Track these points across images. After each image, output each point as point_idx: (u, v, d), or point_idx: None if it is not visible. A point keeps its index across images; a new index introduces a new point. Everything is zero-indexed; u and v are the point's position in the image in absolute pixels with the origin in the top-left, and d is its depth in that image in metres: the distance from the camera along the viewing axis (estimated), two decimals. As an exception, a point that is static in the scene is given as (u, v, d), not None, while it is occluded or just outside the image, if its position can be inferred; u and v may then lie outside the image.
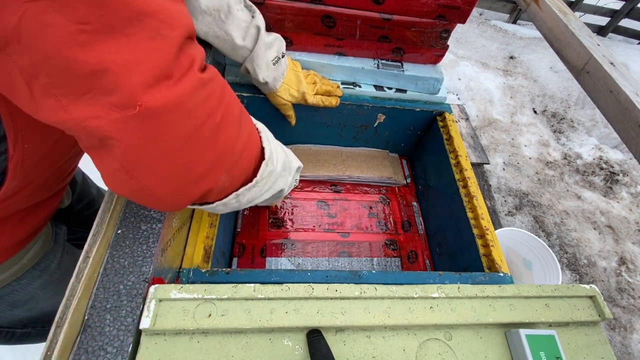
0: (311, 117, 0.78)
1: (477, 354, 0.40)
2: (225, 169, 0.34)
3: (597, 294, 0.45)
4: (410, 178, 0.90)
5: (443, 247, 0.72)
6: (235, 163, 0.36)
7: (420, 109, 0.77)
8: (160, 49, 0.25)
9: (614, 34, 3.10)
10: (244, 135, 0.36)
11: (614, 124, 0.72)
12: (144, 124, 0.26)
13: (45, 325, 0.63)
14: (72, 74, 0.22)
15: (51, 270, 0.55)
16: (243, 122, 0.37)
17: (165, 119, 0.26)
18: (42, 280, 0.54)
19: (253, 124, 0.42)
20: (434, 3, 0.63)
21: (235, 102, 0.35)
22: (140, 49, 0.24)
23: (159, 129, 0.27)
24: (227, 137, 0.33)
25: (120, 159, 0.27)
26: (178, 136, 0.28)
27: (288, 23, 0.66)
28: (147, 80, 0.24)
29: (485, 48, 2.67)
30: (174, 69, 0.26)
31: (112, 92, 0.24)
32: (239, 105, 0.37)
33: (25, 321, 0.60)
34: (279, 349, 0.37)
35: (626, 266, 1.53)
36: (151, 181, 0.30)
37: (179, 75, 0.27)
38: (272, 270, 0.48)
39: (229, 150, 0.34)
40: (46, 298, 0.57)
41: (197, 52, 0.30)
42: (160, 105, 0.25)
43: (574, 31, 0.83)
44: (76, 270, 0.36)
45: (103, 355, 0.32)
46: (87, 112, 0.24)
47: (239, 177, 0.38)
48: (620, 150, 1.98)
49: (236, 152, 0.35)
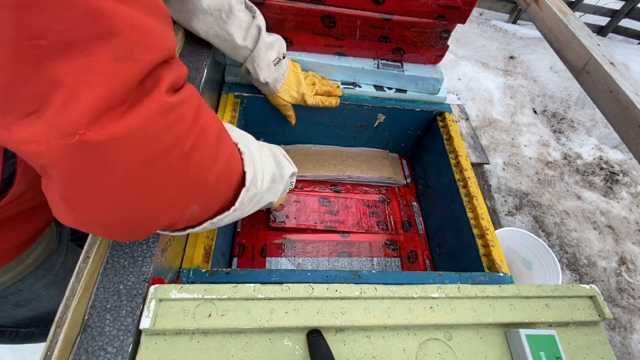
0: (311, 117, 0.78)
1: (477, 354, 0.40)
2: (195, 200, 0.31)
3: (597, 294, 0.45)
4: (410, 178, 0.90)
5: (443, 247, 0.72)
6: (209, 192, 0.33)
7: (420, 109, 0.77)
8: (122, 72, 0.22)
9: (614, 34, 3.10)
10: (220, 162, 0.32)
11: (614, 124, 0.72)
12: (85, 153, 0.22)
13: (49, 325, 0.63)
14: (19, 90, 0.20)
15: (55, 270, 0.55)
16: (221, 147, 0.33)
17: (113, 149, 0.23)
18: (46, 280, 0.54)
19: (234, 146, 0.37)
20: (434, 3, 0.63)
21: (212, 126, 0.31)
22: (98, 71, 0.21)
23: (105, 159, 0.23)
24: (198, 166, 0.29)
25: (59, 190, 0.24)
26: (131, 167, 0.25)
27: (288, 23, 0.66)
28: (95, 106, 0.21)
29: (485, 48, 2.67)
30: (131, 95, 0.23)
31: (57, 116, 0.21)
32: (218, 127, 0.33)
33: (29, 321, 0.60)
34: (279, 349, 0.37)
35: (626, 266, 1.53)
36: (98, 214, 0.26)
37: (134, 100, 0.23)
38: (272, 270, 0.48)
39: (200, 181, 0.30)
40: (50, 297, 0.57)
41: (169, 73, 0.26)
42: (107, 134, 0.22)
43: (574, 31, 0.83)
44: (76, 270, 0.36)
45: (103, 355, 0.32)
46: (26, 135, 0.21)
47: (213, 206, 0.35)
48: (620, 150, 1.98)
49: (210, 182, 0.31)
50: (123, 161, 0.24)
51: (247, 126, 0.79)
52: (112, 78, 0.22)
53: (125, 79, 0.22)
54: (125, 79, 0.22)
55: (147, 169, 0.26)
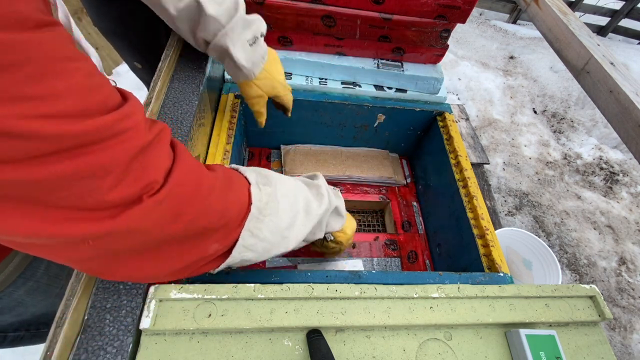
0: (311, 117, 0.78)
1: (477, 354, 0.40)
2: (210, 234, 0.32)
3: (597, 294, 0.45)
4: (410, 178, 0.90)
5: (443, 247, 0.72)
6: (222, 228, 0.32)
7: (420, 109, 0.77)
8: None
9: (614, 34, 3.10)
10: (228, 197, 0.33)
11: (614, 124, 0.72)
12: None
13: (40, 327, 0.61)
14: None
15: (37, 277, 0.53)
16: (229, 188, 0.33)
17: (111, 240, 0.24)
18: (27, 287, 0.52)
19: (233, 172, 0.37)
20: (434, 3, 0.63)
21: (216, 180, 0.31)
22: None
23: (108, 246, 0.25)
24: (205, 216, 0.30)
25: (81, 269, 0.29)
26: (134, 251, 0.27)
27: (288, 23, 0.66)
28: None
29: (485, 48, 2.67)
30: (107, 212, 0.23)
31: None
32: (217, 175, 0.32)
33: (17, 325, 0.58)
34: (279, 349, 0.37)
35: (626, 266, 1.52)
36: (124, 278, 0.30)
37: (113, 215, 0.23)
38: (272, 270, 0.48)
39: (206, 232, 0.31)
40: (35, 303, 0.55)
41: (156, 164, 0.25)
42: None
43: (574, 31, 0.83)
44: (76, 270, 0.36)
45: (103, 355, 0.32)
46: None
47: (233, 229, 0.34)
48: (620, 150, 1.98)
49: (223, 218, 0.32)
50: (121, 249, 0.26)
51: (247, 126, 0.79)
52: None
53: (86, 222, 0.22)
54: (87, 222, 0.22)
55: (153, 252, 0.28)
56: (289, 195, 0.41)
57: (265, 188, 0.37)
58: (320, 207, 0.45)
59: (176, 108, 0.52)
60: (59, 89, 0.19)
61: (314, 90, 0.74)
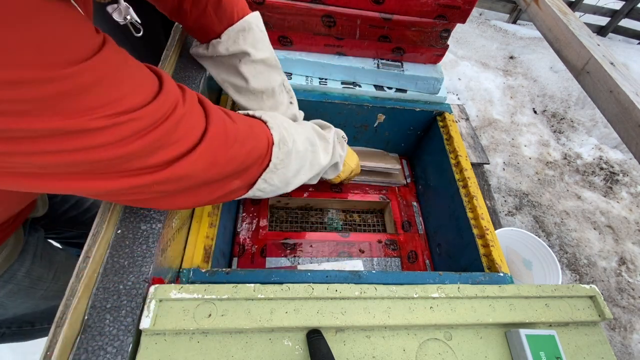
0: (311, 117, 0.78)
1: (477, 354, 0.40)
2: (233, 178, 0.39)
3: (597, 294, 0.45)
4: (410, 178, 0.90)
5: (443, 247, 0.72)
6: (243, 172, 0.39)
7: (420, 109, 0.77)
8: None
9: (614, 34, 3.10)
10: (247, 146, 0.38)
11: (614, 124, 0.72)
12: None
13: (22, 326, 0.61)
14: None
15: (17, 280, 0.52)
16: (247, 138, 0.39)
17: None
18: (6, 290, 0.51)
19: (254, 122, 0.42)
20: (434, 3, 0.63)
21: (238, 132, 0.37)
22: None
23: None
24: (234, 161, 0.37)
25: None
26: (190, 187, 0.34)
27: (288, 23, 0.66)
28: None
29: (485, 48, 2.67)
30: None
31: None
32: (239, 127, 0.38)
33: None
34: (279, 349, 0.37)
35: (626, 266, 1.52)
36: (171, 207, 0.41)
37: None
38: (272, 270, 0.47)
39: (237, 168, 0.38)
40: (15, 305, 0.55)
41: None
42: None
43: (574, 31, 0.83)
44: (76, 270, 0.36)
45: (103, 355, 0.32)
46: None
47: (252, 174, 0.41)
48: (620, 150, 1.98)
49: (244, 164, 0.38)
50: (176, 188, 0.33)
51: (247, 126, 0.79)
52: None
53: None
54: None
55: (194, 191, 0.35)
56: (301, 150, 0.47)
57: (284, 147, 0.43)
58: (324, 160, 0.53)
59: (176, 108, 0.52)
60: (125, 91, 0.26)
61: (314, 90, 0.74)
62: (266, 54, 0.53)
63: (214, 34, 0.51)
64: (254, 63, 0.52)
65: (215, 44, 0.51)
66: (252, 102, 0.56)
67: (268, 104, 0.56)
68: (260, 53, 0.52)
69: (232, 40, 0.50)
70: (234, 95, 0.56)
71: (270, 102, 0.57)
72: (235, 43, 0.50)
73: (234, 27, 0.50)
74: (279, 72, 0.57)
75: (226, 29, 0.50)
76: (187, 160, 0.31)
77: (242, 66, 0.52)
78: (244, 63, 0.52)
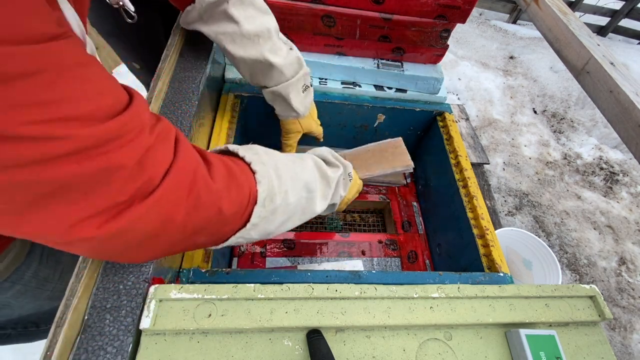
0: (311, 117, 0.78)
1: (477, 354, 0.40)
2: (200, 236, 0.32)
3: (597, 294, 0.45)
4: (410, 178, 0.90)
5: (443, 247, 0.72)
6: (214, 227, 0.33)
7: (420, 109, 0.77)
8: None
9: (614, 34, 3.10)
10: (216, 207, 0.31)
11: (614, 124, 0.72)
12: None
13: (28, 326, 0.60)
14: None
15: (25, 281, 0.52)
16: (220, 198, 0.31)
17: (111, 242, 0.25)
18: (14, 290, 0.51)
19: (237, 170, 0.35)
20: (434, 3, 0.63)
21: (209, 187, 0.30)
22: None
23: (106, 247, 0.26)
24: (199, 219, 0.30)
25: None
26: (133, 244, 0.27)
27: (288, 23, 0.66)
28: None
29: (485, 48, 2.67)
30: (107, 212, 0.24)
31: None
32: (215, 176, 0.31)
33: (3, 324, 0.58)
34: (279, 349, 0.37)
35: (626, 266, 1.52)
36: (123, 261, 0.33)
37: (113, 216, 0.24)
38: (272, 270, 0.47)
39: (203, 226, 0.31)
40: (22, 305, 0.55)
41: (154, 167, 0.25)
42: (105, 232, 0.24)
43: (574, 31, 0.83)
44: (76, 270, 0.36)
45: (103, 355, 0.32)
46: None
47: (224, 233, 0.35)
48: (620, 150, 1.98)
49: (211, 226, 0.32)
50: (114, 250, 0.27)
51: (247, 126, 0.79)
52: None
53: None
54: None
55: (149, 243, 0.28)
56: (292, 202, 0.40)
57: (270, 205, 0.37)
58: (320, 207, 0.46)
59: (176, 108, 0.52)
60: (72, 94, 0.20)
61: (314, 90, 0.74)
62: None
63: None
64: (242, 4, 0.50)
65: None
66: (250, 50, 0.52)
67: (266, 47, 0.53)
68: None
69: None
70: (230, 46, 0.52)
71: (269, 45, 0.53)
72: None
73: None
74: (271, 16, 0.54)
75: None
76: (133, 212, 0.24)
77: (231, 8, 0.49)
78: (232, 4, 0.49)
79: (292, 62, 0.56)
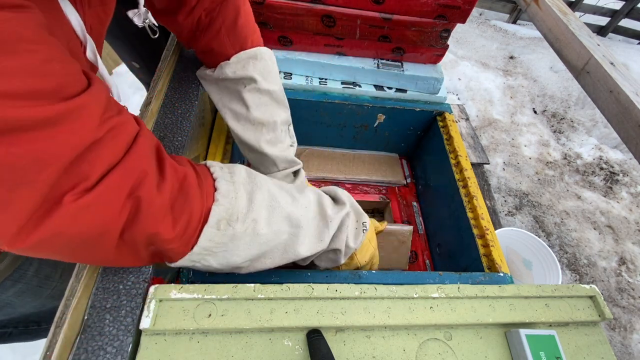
0: (311, 118, 0.78)
1: (477, 354, 0.40)
2: (148, 249, 0.29)
3: (597, 294, 0.45)
4: (410, 178, 0.90)
5: (443, 247, 0.72)
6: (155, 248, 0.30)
7: (420, 109, 0.77)
8: (11, 206, 0.20)
9: (614, 34, 3.10)
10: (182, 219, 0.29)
11: (614, 124, 0.72)
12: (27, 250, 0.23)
13: (29, 325, 0.61)
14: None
15: (27, 279, 0.52)
16: (178, 202, 0.29)
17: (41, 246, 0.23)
18: (16, 289, 0.51)
19: (201, 190, 0.32)
20: (434, 3, 0.63)
21: (152, 197, 0.27)
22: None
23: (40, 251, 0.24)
24: (138, 231, 0.27)
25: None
26: (65, 252, 0.25)
27: (288, 23, 0.66)
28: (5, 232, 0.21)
29: (485, 48, 2.67)
30: (37, 212, 0.21)
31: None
32: (166, 178, 0.28)
33: (5, 322, 0.58)
34: (279, 349, 0.37)
35: (626, 266, 1.52)
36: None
37: (42, 215, 0.21)
38: (272, 270, 0.47)
39: (143, 240, 0.28)
40: (23, 304, 0.55)
41: (98, 158, 0.23)
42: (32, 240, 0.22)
43: (574, 31, 0.83)
44: (76, 270, 0.36)
45: (103, 355, 0.32)
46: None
47: (173, 250, 0.31)
48: (620, 150, 1.98)
49: (160, 236, 0.28)
50: (54, 250, 0.25)
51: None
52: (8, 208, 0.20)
53: (14, 213, 0.20)
54: (15, 213, 0.20)
55: (82, 250, 0.26)
56: (264, 234, 0.35)
57: (228, 229, 0.32)
58: (306, 250, 0.39)
59: (176, 108, 0.52)
60: (7, 67, 0.18)
61: (314, 90, 0.74)
62: (274, 86, 0.50)
63: (224, 57, 0.49)
64: (259, 92, 0.49)
65: (223, 66, 0.49)
66: (248, 132, 0.50)
67: (267, 137, 0.50)
68: (268, 84, 0.49)
69: (242, 64, 0.48)
70: (231, 122, 0.51)
71: (270, 136, 0.51)
72: (244, 68, 0.48)
73: (246, 52, 0.49)
74: (284, 109, 0.53)
75: (237, 53, 0.48)
76: (68, 210, 0.22)
77: (246, 92, 0.48)
78: (248, 90, 0.49)
79: (286, 159, 0.52)
